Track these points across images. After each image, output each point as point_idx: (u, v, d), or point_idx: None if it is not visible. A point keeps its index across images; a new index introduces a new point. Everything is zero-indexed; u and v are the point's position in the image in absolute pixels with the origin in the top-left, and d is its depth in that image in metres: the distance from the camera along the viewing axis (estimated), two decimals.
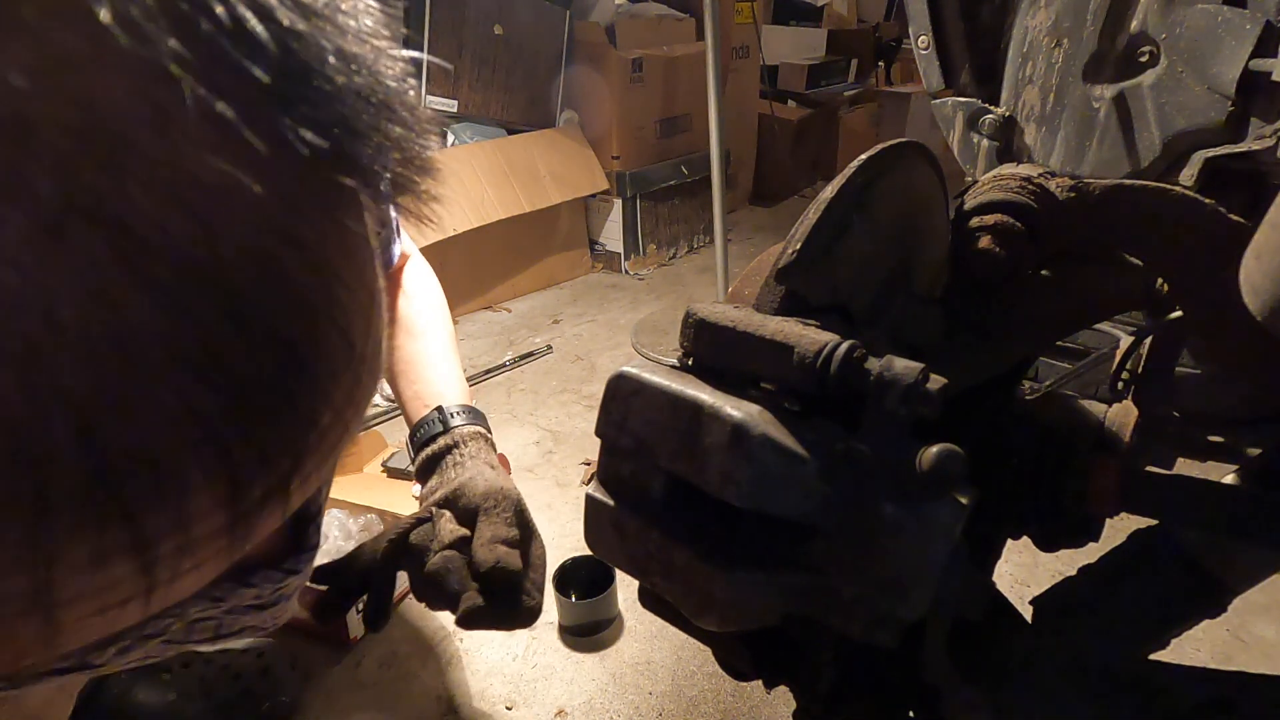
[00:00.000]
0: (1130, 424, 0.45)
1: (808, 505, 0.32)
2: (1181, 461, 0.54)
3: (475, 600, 0.63)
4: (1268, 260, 0.32)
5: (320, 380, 0.22)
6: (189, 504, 0.20)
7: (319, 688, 1.01)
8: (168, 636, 0.29)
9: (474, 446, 0.74)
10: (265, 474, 0.21)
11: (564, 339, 2.04)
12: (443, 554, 0.64)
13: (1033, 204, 0.45)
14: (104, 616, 0.21)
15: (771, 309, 0.38)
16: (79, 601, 0.19)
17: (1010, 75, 0.96)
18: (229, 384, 0.19)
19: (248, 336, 0.19)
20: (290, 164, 0.19)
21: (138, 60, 0.17)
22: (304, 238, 0.21)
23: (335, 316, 0.22)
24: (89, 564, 0.19)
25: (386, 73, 0.22)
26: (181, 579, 0.22)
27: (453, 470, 0.71)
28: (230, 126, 0.18)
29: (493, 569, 0.62)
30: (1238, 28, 0.77)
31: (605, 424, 0.36)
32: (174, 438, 0.19)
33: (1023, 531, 0.47)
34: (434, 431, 0.74)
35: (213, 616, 0.31)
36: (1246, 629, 1.07)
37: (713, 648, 0.43)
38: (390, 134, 0.22)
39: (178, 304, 0.18)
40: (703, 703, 0.99)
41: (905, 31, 1.29)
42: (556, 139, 2.26)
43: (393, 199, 0.24)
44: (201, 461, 0.19)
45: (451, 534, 0.66)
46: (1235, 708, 0.38)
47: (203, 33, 0.17)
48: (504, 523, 0.66)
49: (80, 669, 0.27)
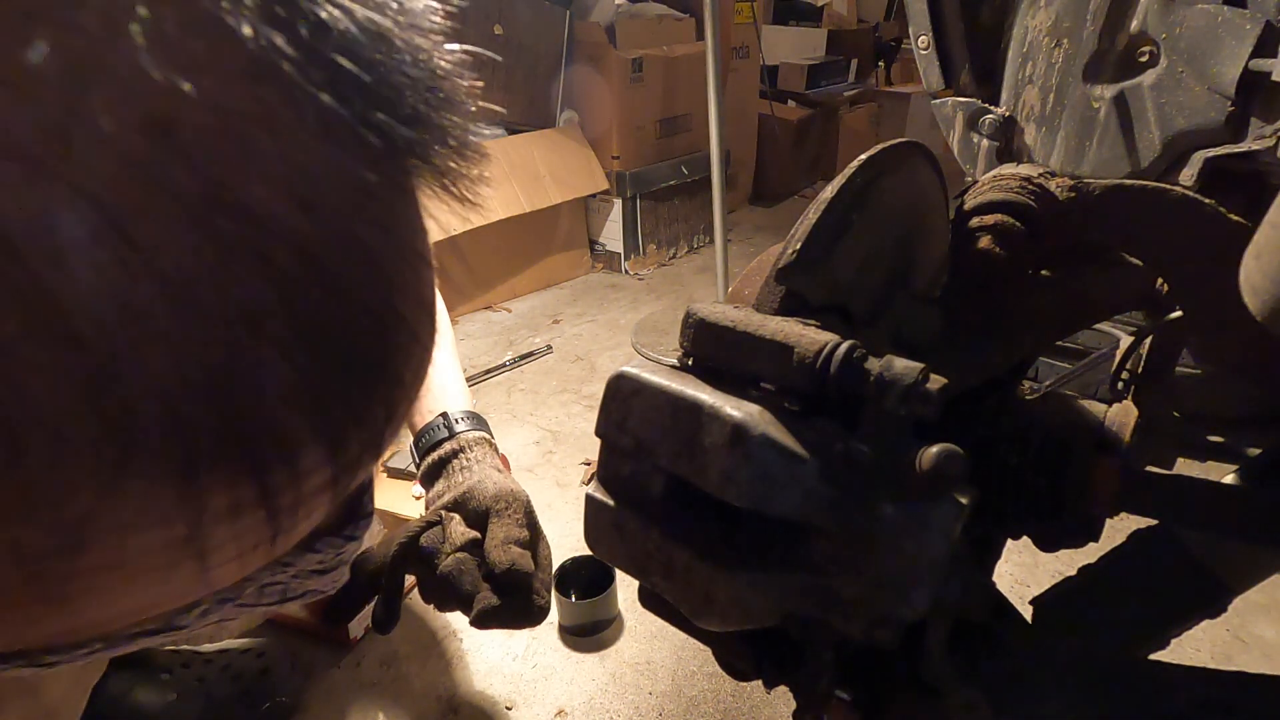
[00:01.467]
0: (1130, 424, 0.45)
1: (808, 505, 0.32)
2: (1181, 461, 0.54)
3: (490, 600, 0.64)
4: (1268, 260, 0.32)
5: (401, 347, 0.25)
6: (300, 460, 0.22)
7: (319, 688, 1.01)
8: (241, 600, 0.32)
9: (479, 451, 0.74)
10: (360, 432, 0.24)
11: (564, 339, 2.04)
12: (455, 556, 0.65)
13: (1032, 204, 0.45)
14: (239, 562, 0.24)
15: (771, 309, 0.38)
16: (221, 548, 0.22)
17: (1010, 75, 0.96)
18: (332, 352, 0.21)
19: (347, 310, 0.22)
20: (376, 153, 0.22)
21: (253, 61, 0.19)
22: (388, 220, 0.23)
23: (412, 291, 0.25)
24: (228, 514, 0.21)
25: (444, 65, 0.24)
26: (297, 528, 0.25)
27: (460, 474, 0.72)
28: (331, 119, 0.20)
29: (508, 570, 0.63)
30: (1238, 28, 0.77)
31: (605, 424, 0.36)
32: (289, 402, 0.21)
33: (1023, 531, 0.47)
34: (439, 437, 0.75)
35: (280, 581, 0.34)
36: (1246, 629, 1.07)
37: (713, 648, 0.43)
38: (449, 124, 0.24)
39: (293, 282, 0.20)
40: (703, 703, 0.99)
41: (905, 31, 1.29)
42: (556, 139, 2.26)
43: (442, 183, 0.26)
44: (310, 422, 0.22)
45: (463, 536, 0.67)
46: (1235, 708, 0.38)
47: (301, 33, 0.19)
48: (515, 524, 0.67)
49: (167, 630, 0.30)
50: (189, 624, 0.30)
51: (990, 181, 0.47)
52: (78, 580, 0.20)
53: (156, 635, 0.30)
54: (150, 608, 0.24)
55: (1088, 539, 0.45)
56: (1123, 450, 0.44)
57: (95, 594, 0.21)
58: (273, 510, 0.22)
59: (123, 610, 0.23)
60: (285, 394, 0.20)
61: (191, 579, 0.23)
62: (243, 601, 0.32)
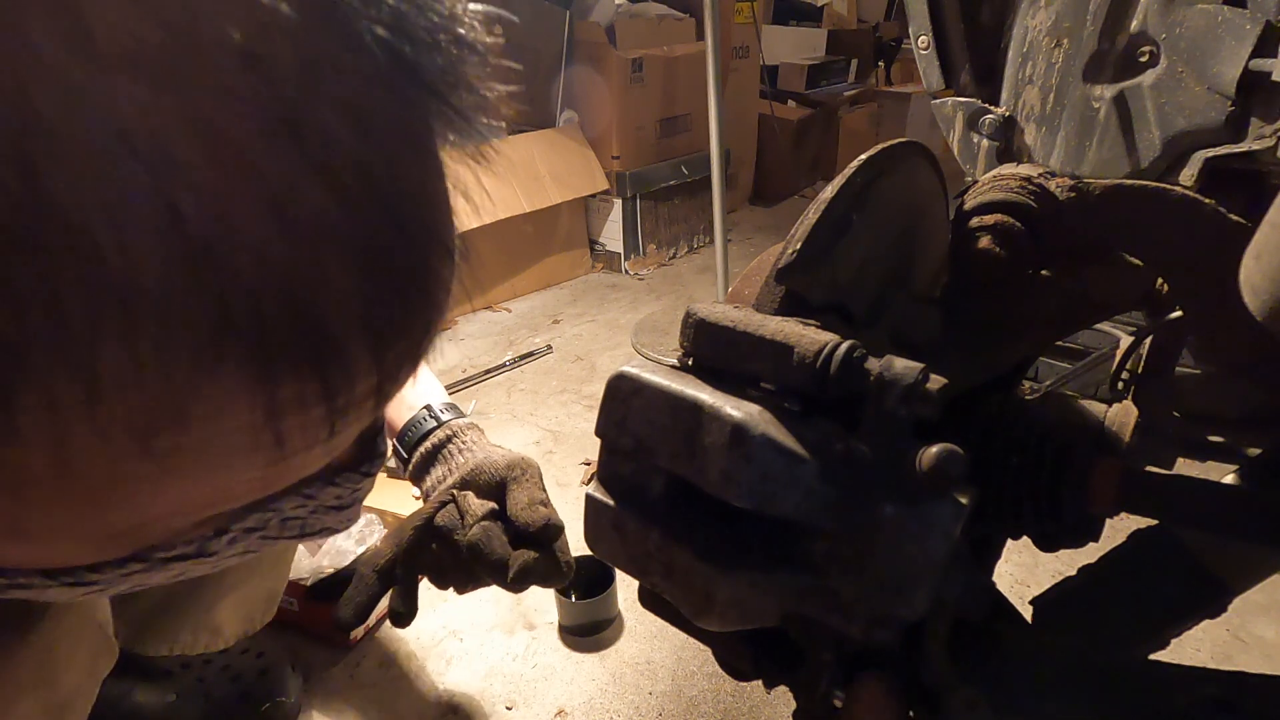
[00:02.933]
0: (1130, 424, 0.45)
1: (808, 505, 0.32)
2: (1181, 461, 0.54)
3: (528, 556, 0.64)
4: (1268, 260, 0.32)
5: (439, 269, 0.27)
6: (353, 364, 0.24)
7: (319, 688, 1.01)
8: (265, 531, 0.34)
9: (474, 434, 0.74)
10: (401, 344, 0.26)
11: (564, 339, 2.04)
12: (480, 524, 0.65)
13: (1033, 204, 0.45)
14: (303, 457, 0.26)
15: (771, 309, 0.38)
16: (289, 439, 0.24)
17: (1010, 75, 0.96)
18: (383, 266, 0.24)
19: (396, 228, 0.24)
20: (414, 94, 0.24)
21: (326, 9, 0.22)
22: (427, 153, 0.26)
23: (446, 220, 0.27)
24: (295, 405, 0.23)
25: (470, 21, 0.26)
26: (349, 428, 0.27)
27: (460, 456, 0.72)
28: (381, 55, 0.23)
29: (544, 527, 0.64)
30: (1238, 28, 0.77)
31: (605, 424, 0.36)
32: (346, 309, 0.23)
33: (1023, 531, 0.47)
34: (428, 428, 0.74)
35: (300, 516, 0.36)
36: (1246, 629, 1.07)
37: (713, 648, 0.43)
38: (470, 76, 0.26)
39: (354, 198, 0.22)
40: (703, 703, 0.99)
41: (905, 31, 1.29)
42: (556, 139, 2.26)
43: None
44: (363, 329, 0.24)
45: (482, 507, 0.67)
46: (1235, 708, 0.38)
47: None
48: (536, 486, 0.68)
49: (198, 556, 0.32)
50: (219, 551, 0.33)
51: (990, 181, 0.47)
52: (176, 456, 0.23)
53: (190, 560, 0.32)
54: (222, 498, 0.26)
55: (1088, 539, 0.45)
56: (1123, 450, 0.44)
57: (185, 473, 0.23)
58: (331, 409, 0.25)
59: (202, 495, 0.25)
60: (344, 301, 0.23)
61: (262, 467, 0.25)
62: (266, 533, 0.34)
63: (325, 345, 0.23)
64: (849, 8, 4.19)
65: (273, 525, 0.34)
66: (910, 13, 0.99)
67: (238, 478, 0.25)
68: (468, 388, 1.79)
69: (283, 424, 0.24)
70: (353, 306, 0.23)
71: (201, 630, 0.84)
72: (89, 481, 0.22)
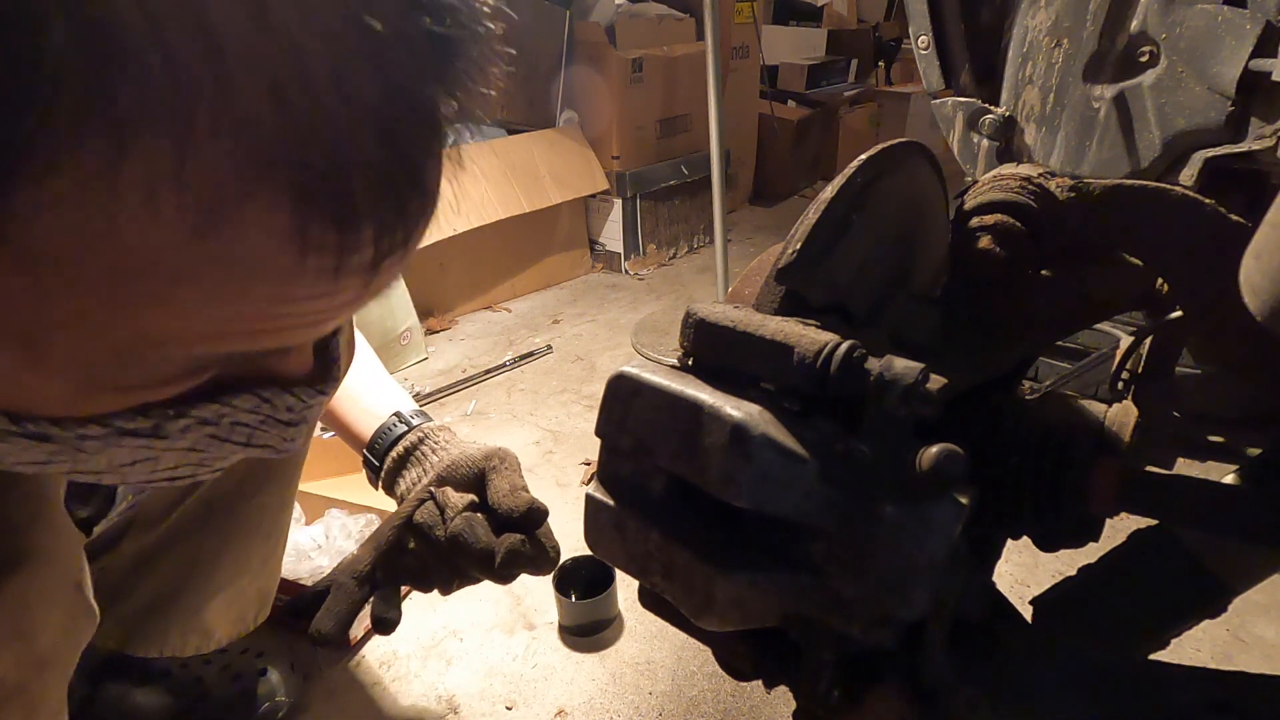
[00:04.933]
0: (1130, 424, 0.45)
1: (808, 505, 0.32)
2: (1181, 461, 0.54)
3: (514, 540, 0.62)
4: (1268, 260, 0.32)
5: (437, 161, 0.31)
6: (361, 230, 0.28)
7: (319, 688, 1.01)
8: (217, 430, 0.36)
9: (446, 435, 0.72)
10: (398, 222, 0.30)
11: (564, 339, 2.04)
12: (463, 515, 0.64)
13: (1033, 204, 0.45)
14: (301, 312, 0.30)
15: (771, 309, 0.38)
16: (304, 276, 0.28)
17: (1010, 75, 0.96)
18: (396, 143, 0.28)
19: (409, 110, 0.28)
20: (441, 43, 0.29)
21: None
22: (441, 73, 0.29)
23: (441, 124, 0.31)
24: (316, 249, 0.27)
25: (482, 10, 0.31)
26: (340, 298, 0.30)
27: (434, 456, 0.70)
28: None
29: (528, 511, 0.63)
30: (1238, 28, 0.77)
31: (605, 424, 0.36)
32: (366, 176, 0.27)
33: (1023, 531, 0.47)
34: (398, 433, 0.72)
35: (250, 423, 0.38)
36: (1246, 629, 1.07)
37: (713, 648, 0.43)
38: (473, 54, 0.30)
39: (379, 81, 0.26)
40: (703, 703, 0.99)
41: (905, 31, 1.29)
42: (556, 139, 2.26)
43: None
44: (373, 197, 0.28)
45: (462, 499, 0.65)
46: (1235, 708, 0.38)
47: None
48: (516, 473, 0.66)
49: (153, 436, 0.34)
50: (171, 436, 0.35)
51: (990, 181, 0.47)
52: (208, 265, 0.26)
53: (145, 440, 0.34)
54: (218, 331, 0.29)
55: (1088, 539, 0.45)
56: (1123, 450, 0.44)
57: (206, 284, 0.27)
58: (339, 267, 0.28)
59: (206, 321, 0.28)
60: (364, 169, 0.27)
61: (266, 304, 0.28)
62: (217, 432, 0.37)
63: (344, 204, 0.27)
64: (849, 8, 4.19)
65: (224, 424, 0.36)
66: (910, 13, 0.99)
67: (242, 309, 0.28)
68: (468, 388, 1.79)
69: (301, 262, 0.27)
70: (369, 174, 0.27)
71: (191, 632, 0.83)
72: (131, 261, 0.25)
